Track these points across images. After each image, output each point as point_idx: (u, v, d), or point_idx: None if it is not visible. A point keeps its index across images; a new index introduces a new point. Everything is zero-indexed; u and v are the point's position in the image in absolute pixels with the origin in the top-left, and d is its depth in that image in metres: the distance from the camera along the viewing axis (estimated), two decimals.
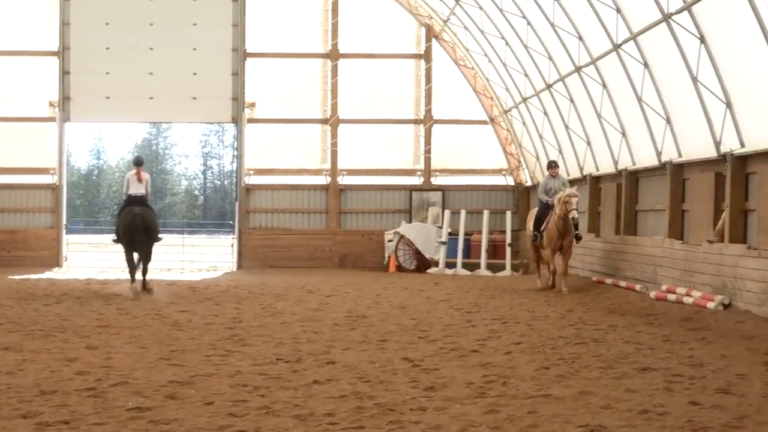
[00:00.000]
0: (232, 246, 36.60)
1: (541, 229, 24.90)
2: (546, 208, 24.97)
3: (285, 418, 9.20)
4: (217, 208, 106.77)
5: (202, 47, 35.04)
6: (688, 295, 19.86)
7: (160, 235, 24.09)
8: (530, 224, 26.01)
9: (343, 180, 36.05)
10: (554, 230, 24.19)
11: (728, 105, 19.19)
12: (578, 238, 24.58)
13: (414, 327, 16.54)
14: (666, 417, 9.24)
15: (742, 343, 14.32)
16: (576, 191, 24.11)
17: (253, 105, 35.75)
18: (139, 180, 24.03)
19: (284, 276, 29.88)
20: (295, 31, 36.03)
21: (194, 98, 35.07)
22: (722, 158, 19.84)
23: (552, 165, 25.94)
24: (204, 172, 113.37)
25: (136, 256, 23.57)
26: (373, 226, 35.90)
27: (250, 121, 35.80)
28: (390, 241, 34.24)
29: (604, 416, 9.28)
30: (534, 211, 26.25)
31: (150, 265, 23.96)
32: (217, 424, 8.93)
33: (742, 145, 19.17)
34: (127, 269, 23.76)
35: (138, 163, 24.57)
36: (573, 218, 23.76)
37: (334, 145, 35.94)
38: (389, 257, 34.21)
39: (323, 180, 36.04)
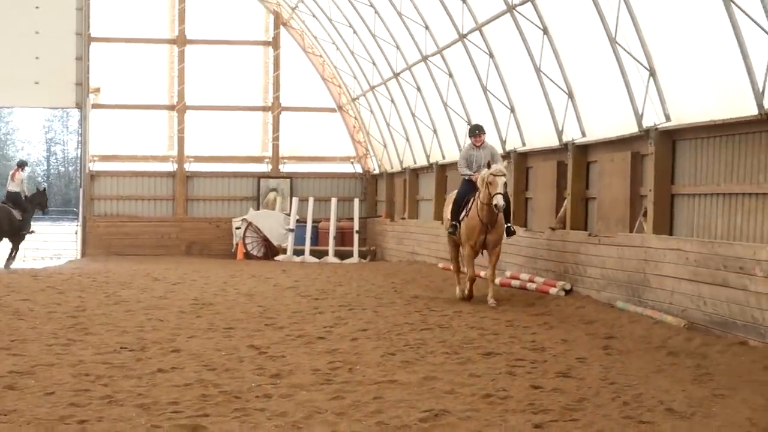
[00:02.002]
0: (76, 233, 35.96)
1: (461, 218, 18.89)
2: (469, 190, 18.95)
3: (128, 407, 9.06)
4: (61, 195, 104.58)
5: (45, 31, 34.16)
6: (531, 281, 20.17)
7: (32, 230, 29.11)
8: (447, 211, 19.93)
9: (191, 167, 35.74)
10: (476, 221, 18.27)
11: (570, 95, 19.56)
12: (510, 232, 18.60)
13: (261, 314, 16.46)
14: (508, 401, 9.38)
15: (582, 328, 14.63)
16: (504, 168, 18.04)
17: (97, 90, 35.12)
18: (13, 179, 28.61)
19: (130, 264, 29.42)
20: (141, 16, 35.53)
21: (37, 83, 34.19)
22: (564, 147, 20.21)
23: (475, 131, 19.33)
24: (48, 158, 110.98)
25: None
26: (221, 214, 35.68)
27: (95, 106, 35.18)
28: (238, 228, 34.08)
29: (448, 401, 9.38)
30: (453, 195, 19.94)
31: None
32: (58, 414, 8.73)
33: (583, 135, 19.56)
34: None
35: (18, 164, 29.59)
36: (496, 206, 17.55)
37: (181, 131, 35.58)
38: (237, 244, 34.03)
39: (170, 167, 35.67)
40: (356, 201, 33.95)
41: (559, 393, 9.76)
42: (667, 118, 16.32)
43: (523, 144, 22.61)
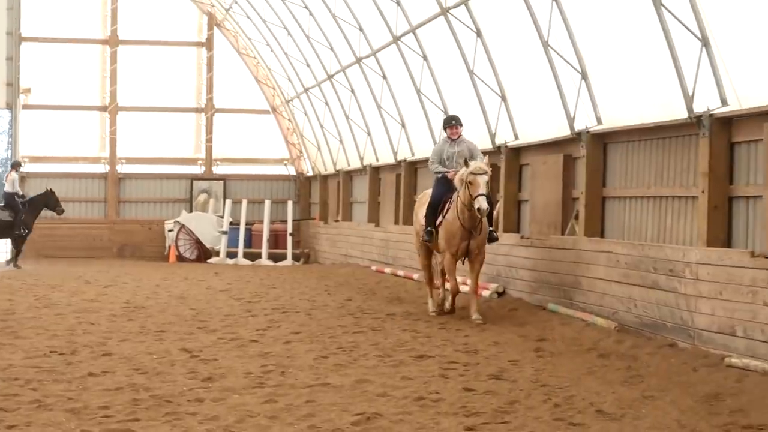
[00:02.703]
0: None
1: (438, 222, 16.43)
2: (445, 190, 16.43)
3: (58, 411, 8.94)
4: None
5: None
6: (464, 283, 20.18)
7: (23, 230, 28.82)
8: (420, 214, 17.38)
9: (123, 168, 35.47)
10: (456, 225, 15.91)
11: (503, 98, 19.65)
12: (492, 238, 16.51)
13: (193, 317, 16.34)
14: (440, 403, 9.39)
15: (514, 330, 14.67)
16: (487, 166, 15.81)
17: (28, 91, 34.73)
18: (6, 180, 29.40)
19: (61, 266, 29.13)
20: (73, 16, 35.19)
21: None
22: (497, 150, 20.29)
23: (451, 122, 16.93)
24: None
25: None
26: (153, 216, 35.46)
27: (26, 107, 34.82)
28: (170, 230, 33.83)
29: (380, 404, 9.37)
30: (426, 194, 17.48)
31: None
32: None
33: (516, 138, 19.67)
34: None
35: (11, 165, 29.98)
36: (479, 210, 15.18)
37: (113, 133, 35.35)
38: (169, 247, 33.80)
39: (102, 168, 35.39)
40: (290, 203, 33.84)
41: (491, 395, 9.79)
42: (599, 121, 16.46)
43: None
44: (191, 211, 34.77)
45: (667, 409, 9.11)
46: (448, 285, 16.99)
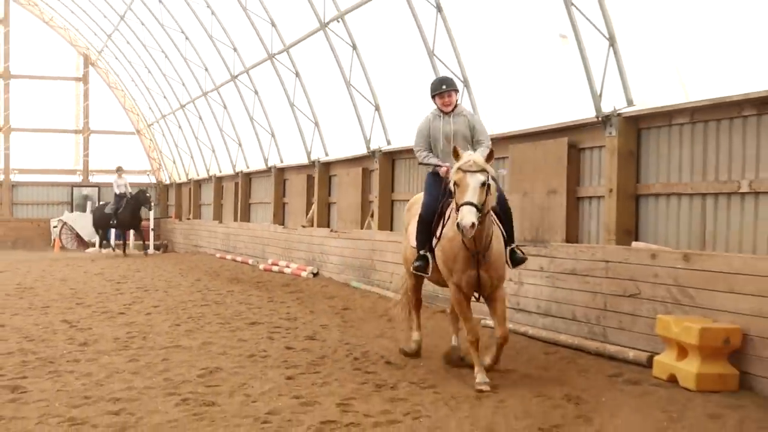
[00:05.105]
0: None
1: (436, 242, 8.48)
2: (439, 194, 8.53)
3: None
4: None
5: None
6: (287, 266, 20.23)
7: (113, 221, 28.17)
8: (411, 232, 9.11)
9: (16, 177, 34.21)
10: (456, 243, 8.07)
11: (316, 124, 19.73)
12: (518, 259, 8.44)
13: (72, 295, 15.83)
14: (267, 359, 9.39)
15: (325, 302, 14.74)
16: (482, 160, 7.71)
17: None
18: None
19: None
20: None
21: None
22: (312, 164, 20.38)
23: (440, 87, 8.76)
24: None
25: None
26: (41, 215, 34.29)
27: None
28: (55, 227, 32.85)
29: (221, 360, 9.31)
30: (417, 200, 9.51)
31: None
32: None
33: (327, 154, 19.78)
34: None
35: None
36: (458, 226, 7.45)
37: (6, 149, 34.12)
38: (54, 240, 32.72)
39: None
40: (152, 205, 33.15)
41: (306, 352, 9.83)
42: (389, 143, 16.70)
43: (281, 161, 22.65)
44: (72, 212, 33.79)
45: (437, 359, 9.31)
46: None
